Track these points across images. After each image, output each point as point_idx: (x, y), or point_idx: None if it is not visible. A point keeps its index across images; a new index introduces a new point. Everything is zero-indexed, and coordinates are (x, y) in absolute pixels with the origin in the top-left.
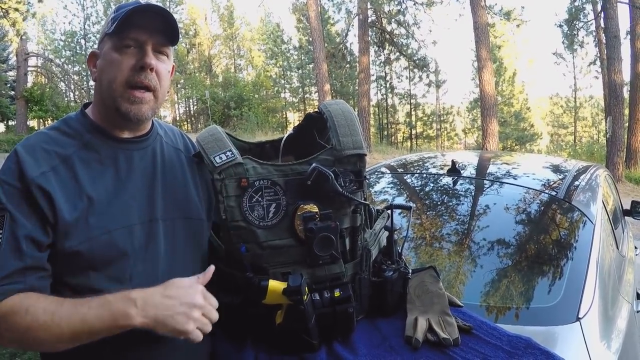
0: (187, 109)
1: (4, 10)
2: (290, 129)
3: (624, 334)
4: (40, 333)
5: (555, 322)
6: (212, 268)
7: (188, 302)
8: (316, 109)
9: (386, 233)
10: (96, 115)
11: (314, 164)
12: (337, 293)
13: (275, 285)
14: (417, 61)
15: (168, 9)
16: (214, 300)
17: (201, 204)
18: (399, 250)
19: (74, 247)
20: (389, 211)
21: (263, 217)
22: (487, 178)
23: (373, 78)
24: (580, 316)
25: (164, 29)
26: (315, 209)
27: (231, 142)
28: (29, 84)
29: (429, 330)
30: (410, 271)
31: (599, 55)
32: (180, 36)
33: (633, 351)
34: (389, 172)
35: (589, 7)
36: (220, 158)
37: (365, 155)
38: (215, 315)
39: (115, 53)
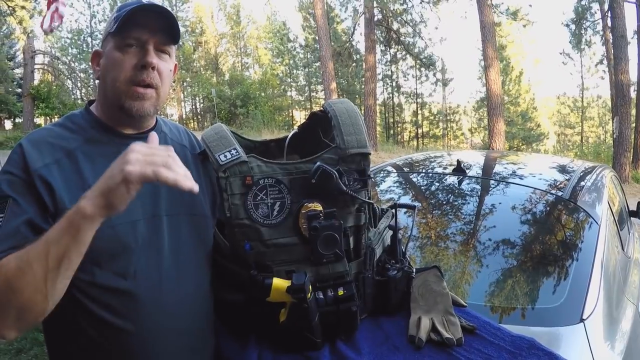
0: (194, 107)
1: (11, 8)
2: (294, 128)
3: (628, 336)
4: (15, 280)
5: (559, 323)
6: (153, 135)
7: (120, 157)
8: (321, 108)
9: (390, 232)
10: (100, 112)
11: (318, 163)
12: (340, 291)
13: (279, 283)
14: (424, 60)
15: (173, 8)
16: (162, 146)
17: (205, 201)
18: (403, 250)
19: None
20: (394, 210)
21: (267, 215)
22: (492, 178)
23: (379, 77)
24: (584, 317)
25: (165, 28)
26: (320, 208)
27: (236, 140)
28: (36, 82)
29: (432, 329)
30: (414, 270)
31: (606, 54)
32: (182, 35)
33: (638, 353)
34: (395, 171)
35: (595, 7)
36: (225, 156)
37: (369, 154)
38: (162, 151)
39: (117, 52)
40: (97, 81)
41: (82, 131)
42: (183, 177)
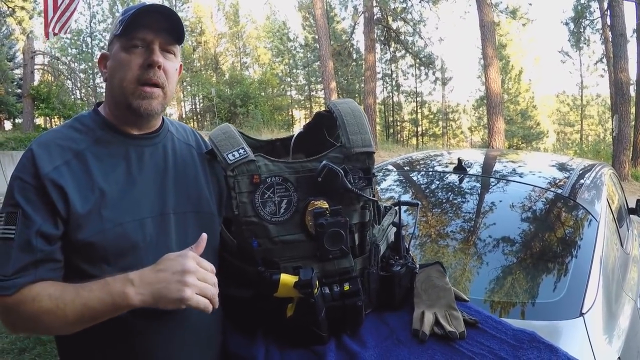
0: (194, 106)
1: (10, 9)
2: (300, 127)
3: (627, 330)
4: (47, 319)
5: (560, 317)
6: (204, 236)
7: (179, 270)
8: (324, 108)
9: (394, 229)
10: (108, 113)
11: (324, 162)
12: (346, 287)
13: (287, 278)
14: (423, 59)
15: (173, 8)
16: (207, 264)
17: (212, 199)
18: (407, 246)
19: (87, 239)
20: (397, 207)
21: (275, 212)
22: (493, 176)
23: (379, 76)
24: (583, 311)
25: (170, 28)
26: (326, 205)
27: (243, 139)
28: (36, 82)
29: (435, 323)
30: (418, 266)
31: (605, 53)
32: (185, 35)
33: (635, 346)
34: (395, 169)
35: (595, 5)
36: (233, 155)
37: (374, 153)
38: (212, 278)
39: (123, 53)
40: (99, 82)
41: (90, 132)
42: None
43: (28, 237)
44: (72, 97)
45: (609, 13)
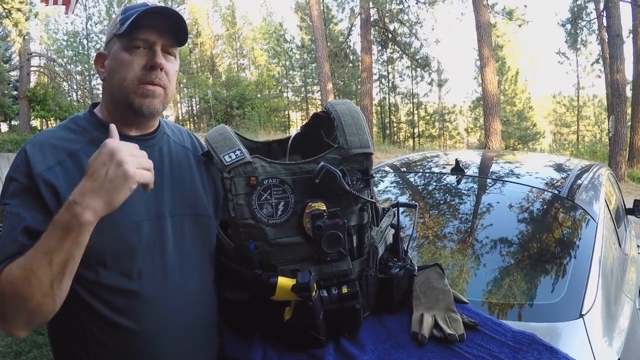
0: (190, 108)
1: (6, 11)
2: (297, 128)
3: (626, 331)
4: (23, 289)
5: (559, 318)
6: (112, 126)
7: (107, 159)
8: (321, 109)
9: (392, 231)
10: (105, 114)
11: (322, 163)
12: (344, 289)
13: (284, 281)
14: (420, 60)
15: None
16: (127, 143)
17: (209, 202)
18: (405, 248)
19: None
20: (395, 209)
21: (272, 215)
22: (491, 177)
23: (375, 77)
24: (583, 313)
25: (173, 31)
26: (323, 207)
27: (240, 141)
28: (32, 84)
29: (434, 326)
30: (416, 268)
31: (601, 54)
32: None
33: (635, 347)
34: (392, 171)
35: (591, 6)
36: (230, 157)
37: (372, 154)
38: (138, 151)
39: (125, 53)
40: (96, 83)
41: (85, 133)
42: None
43: (15, 234)
44: (69, 99)
45: (605, 14)
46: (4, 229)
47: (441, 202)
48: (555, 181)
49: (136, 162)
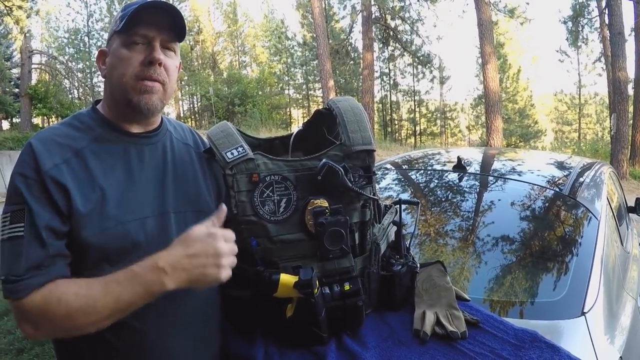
0: (191, 105)
1: (7, 8)
2: (299, 125)
3: (628, 329)
4: (77, 319)
5: (561, 316)
6: (224, 207)
7: (213, 254)
8: (323, 106)
9: (394, 228)
10: (107, 111)
11: (324, 160)
12: (346, 286)
13: (287, 278)
14: (421, 57)
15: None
16: (229, 233)
17: (211, 198)
18: (407, 245)
19: (89, 238)
20: (397, 206)
21: (274, 211)
22: (492, 174)
23: (377, 74)
24: (585, 311)
25: (172, 26)
26: (326, 204)
27: (242, 138)
28: (33, 82)
29: (436, 323)
30: (418, 265)
31: (603, 52)
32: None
33: (637, 345)
34: (394, 168)
35: (593, 4)
36: (232, 154)
37: (374, 150)
38: (235, 247)
39: (124, 49)
40: (96, 80)
41: (89, 130)
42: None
43: (38, 232)
44: (70, 96)
45: (607, 12)
46: (25, 228)
47: (443, 199)
48: (557, 179)
49: (230, 265)
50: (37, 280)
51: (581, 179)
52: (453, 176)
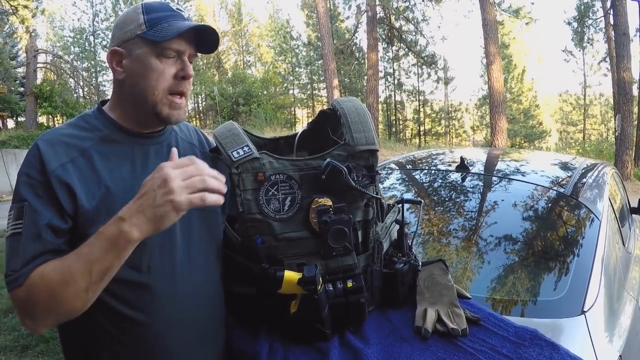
0: (196, 105)
1: (13, 8)
2: (304, 125)
3: (628, 329)
4: (60, 292)
5: (561, 314)
6: (174, 150)
7: (159, 183)
8: (327, 106)
9: (397, 226)
10: (118, 114)
11: (328, 159)
12: (349, 284)
13: (291, 275)
14: (426, 58)
15: (178, 6)
16: (184, 159)
17: None
18: (409, 244)
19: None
20: (400, 205)
21: (279, 210)
22: (495, 174)
23: (381, 74)
24: (585, 309)
25: (198, 40)
26: (329, 203)
27: (247, 137)
28: (39, 81)
29: (438, 321)
30: (420, 263)
31: (608, 52)
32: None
33: (637, 345)
34: (397, 168)
35: (598, 4)
36: (238, 153)
37: (378, 150)
38: (195, 170)
39: (154, 59)
40: (102, 80)
41: (95, 130)
42: (220, 187)
43: (37, 230)
44: (75, 95)
45: (612, 12)
46: (24, 225)
47: (446, 199)
48: (559, 179)
49: (187, 188)
50: (32, 267)
51: (584, 180)
52: (456, 176)
